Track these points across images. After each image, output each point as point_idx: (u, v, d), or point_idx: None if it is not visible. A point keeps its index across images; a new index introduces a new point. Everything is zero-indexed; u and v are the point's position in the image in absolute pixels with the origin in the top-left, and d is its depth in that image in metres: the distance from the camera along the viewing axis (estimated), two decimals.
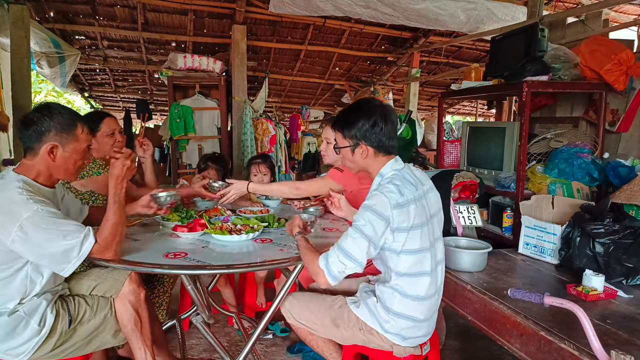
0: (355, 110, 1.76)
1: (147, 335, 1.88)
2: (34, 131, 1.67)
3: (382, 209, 1.59)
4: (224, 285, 2.97)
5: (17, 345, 1.64)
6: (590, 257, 2.12)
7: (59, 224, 1.59)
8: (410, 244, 1.64)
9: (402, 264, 1.66)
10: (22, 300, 1.65)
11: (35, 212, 1.55)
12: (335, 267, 1.59)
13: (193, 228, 2.08)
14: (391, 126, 1.73)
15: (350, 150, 1.76)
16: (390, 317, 1.71)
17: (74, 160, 1.73)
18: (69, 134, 1.70)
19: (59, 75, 6.24)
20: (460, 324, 3.03)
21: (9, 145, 4.98)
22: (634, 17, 5.72)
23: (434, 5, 5.01)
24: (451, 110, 11.30)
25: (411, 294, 1.68)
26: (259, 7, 5.96)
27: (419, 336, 1.76)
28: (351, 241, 1.59)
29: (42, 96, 13.00)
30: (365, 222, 1.59)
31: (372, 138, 1.71)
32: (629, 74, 3.02)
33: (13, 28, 4.42)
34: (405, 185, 1.66)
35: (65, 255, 1.59)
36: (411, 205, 1.63)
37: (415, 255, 1.66)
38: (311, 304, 1.93)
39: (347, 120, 1.75)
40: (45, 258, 1.60)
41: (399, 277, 1.68)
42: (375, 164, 1.76)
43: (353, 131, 1.73)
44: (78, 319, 1.77)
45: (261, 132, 5.87)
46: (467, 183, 2.91)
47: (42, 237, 1.56)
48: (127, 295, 1.84)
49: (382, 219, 1.59)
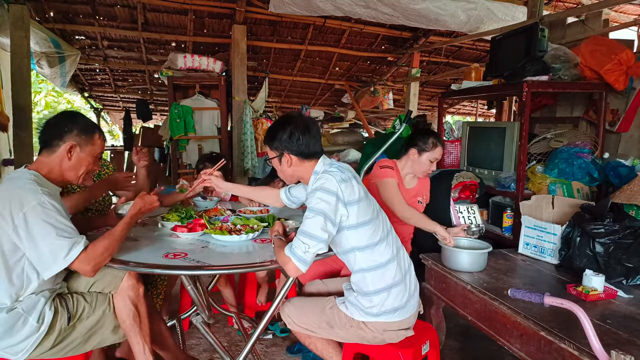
0: (275, 125, 1.93)
1: (146, 330, 1.90)
2: (56, 129, 1.79)
3: (329, 186, 1.73)
4: (224, 285, 2.97)
5: (16, 343, 1.65)
6: (590, 257, 2.12)
7: (58, 221, 1.62)
8: (364, 215, 1.78)
9: (362, 236, 1.78)
10: (18, 297, 1.66)
11: (41, 203, 1.60)
12: (298, 249, 1.67)
13: (193, 228, 2.08)
14: (309, 136, 1.86)
15: (278, 160, 1.92)
16: (371, 299, 1.81)
17: (87, 162, 1.85)
18: (88, 137, 1.84)
19: (59, 75, 6.23)
20: (461, 324, 3.03)
21: (9, 145, 4.98)
22: (634, 17, 5.71)
23: (434, 5, 5.00)
24: (451, 110, 11.30)
25: (376, 264, 1.80)
26: (259, 7, 5.95)
27: (403, 305, 1.84)
28: (307, 222, 1.70)
29: (42, 96, 13.01)
30: (317, 201, 1.71)
31: (292, 147, 1.86)
32: (629, 74, 3.02)
33: (13, 28, 4.42)
34: (340, 168, 1.84)
35: (53, 255, 1.60)
36: (353, 181, 1.80)
37: (369, 225, 1.79)
38: (306, 308, 2.00)
39: (270, 134, 1.92)
40: (34, 252, 1.61)
41: (361, 253, 1.79)
42: (304, 169, 1.90)
43: (275, 143, 1.89)
44: (77, 316, 1.78)
45: (261, 132, 5.86)
46: (467, 183, 2.91)
47: (38, 229, 1.59)
48: (126, 290, 1.86)
49: (331, 193, 1.71)
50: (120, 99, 9.46)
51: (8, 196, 1.63)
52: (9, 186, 1.68)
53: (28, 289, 1.68)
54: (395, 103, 9.44)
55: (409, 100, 7.72)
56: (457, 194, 2.91)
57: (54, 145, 1.78)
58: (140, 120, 7.90)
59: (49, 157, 1.79)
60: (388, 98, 8.80)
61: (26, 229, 1.58)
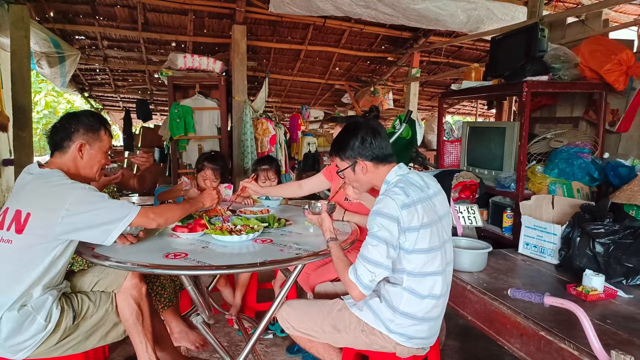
0: (343, 133, 1.88)
1: (148, 328, 1.93)
2: (64, 131, 1.86)
3: (391, 211, 1.65)
4: (224, 285, 2.97)
5: (23, 341, 1.66)
6: (590, 257, 2.12)
7: (105, 197, 1.76)
8: (421, 244, 1.68)
9: (414, 263, 1.69)
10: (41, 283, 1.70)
11: (82, 190, 1.72)
12: (365, 277, 1.64)
13: (193, 228, 2.08)
14: (380, 138, 1.82)
15: (351, 170, 1.86)
16: (395, 316, 1.72)
17: (98, 158, 1.92)
18: (95, 134, 1.90)
19: (59, 75, 6.23)
20: (460, 324, 3.03)
21: (9, 145, 4.97)
22: (634, 17, 5.72)
23: (434, 5, 5.01)
24: (451, 110, 11.30)
25: (421, 292, 1.70)
26: (259, 7, 5.96)
27: (423, 337, 1.76)
28: (371, 249, 1.65)
29: (42, 96, 13.01)
30: (378, 228, 1.65)
31: (366, 153, 1.81)
32: (629, 74, 3.01)
33: (13, 28, 4.41)
34: (409, 187, 1.72)
35: (122, 211, 1.73)
36: (418, 205, 1.69)
37: (426, 254, 1.69)
38: (309, 311, 1.93)
39: (340, 144, 1.87)
40: (95, 227, 1.70)
41: (411, 278, 1.70)
42: (378, 176, 1.84)
43: (348, 152, 1.84)
44: (82, 315, 1.81)
45: (261, 132, 5.87)
46: (467, 183, 2.91)
47: (92, 207, 1.70)
48: (129, 289, 1.89)
49: (393, 219, 1.64)
50: (120, 99, 9.47)
51: (47, 193, 1.71)
52: (43, 184, 1.74)
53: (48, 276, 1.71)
54: (395, 103, 9.44)
55: (409, 100, 7.73)
56: (457, 194, 2.90)
57: (64, 146, 1.86)
58: (140, 120, 7.91)
59: (61, 158, 1.86)
60: (388, 98, 8.80)
61: (75, 214, 1.66)
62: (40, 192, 1.72)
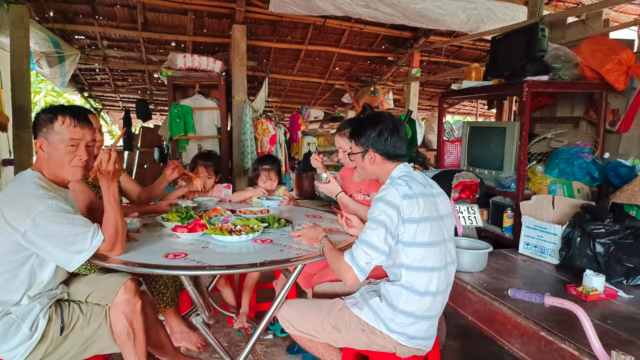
0: (365, 121, 1.93)
1: (140, 347, 1.84)
2: (33, 132, 1.77)
3: (392, 199, 1.70)
4: (224, 286, 2.97)
5: (9, 350, 1.63)
6: (590, 257, 2.12)
7: (70, 218, 1.65)
8: (421, 237, 1.70)
9: (412, 257, 1.70)
10: (26, 293, 1.66)
11: (49, 207, 1.62)
12: (361, 259, 1.66)
13: (193, 229, 2.08)
14: (397, 137, 1.86)
15: (361, 156, 1.92)
16: (395, 315, 1.73)
17: (62, 152, 1.72)
18: (48, 128, 1.73)
19: (58, 75, 6.23)
20: (461, 324, 3.02)
21: (9, 145, 4.97)
22: (634, 17, 5.72)
23: (434, 4, 5.00)
24: (451, 110, 11.30)
25: (419, 289, 1.71)
26: (259, 7, 5.96)
27: (424, 337, 1.77)
28: (370, 232, 1.68)
29: (42, 96, 13.00)
30: (379, 212, 1.69)
31: (379, 146, 1.86)
32: (629, 73, 3.01)
33: (13, 28, 4.41)
34: (412, 181, 1.77)
35: (77, 246, 1.63)
36: (420, 199, 1.72)
37: (425, 248, 1.71)
38: (309, 311, 1.93)
39: (358, 129, 1.93)
40: (56, 249, 1.63)
41: (409, 272, 1.71)
42: (383, 170, 1.89)
43: (362, 139, 1.89)
44: (70, 327, 1.75)
45: (261, 132, 5.86)
46: (467, 183, 2.91)
47: (54, 229, 1.61)
48: (120, 305, 1.81)
49: (393, 207, 1.68)
50: (120, 99, 9.46)
51: (14, 200, 1.65)
52: (15, 190, 1.69)
53: (33, 288, 1.68)
54: (395, 103, 9.44)
55: (409, 100, 7.73)
56: (457, 194, 2.90)
57: (32, 146, 1.80)
58: (140, 120, 7.90)
59: (39, 159, 1.79)
60: (388, 98, 8.80)
61: (38, 231, 1.59)
62: (12, 198, 1.66)
